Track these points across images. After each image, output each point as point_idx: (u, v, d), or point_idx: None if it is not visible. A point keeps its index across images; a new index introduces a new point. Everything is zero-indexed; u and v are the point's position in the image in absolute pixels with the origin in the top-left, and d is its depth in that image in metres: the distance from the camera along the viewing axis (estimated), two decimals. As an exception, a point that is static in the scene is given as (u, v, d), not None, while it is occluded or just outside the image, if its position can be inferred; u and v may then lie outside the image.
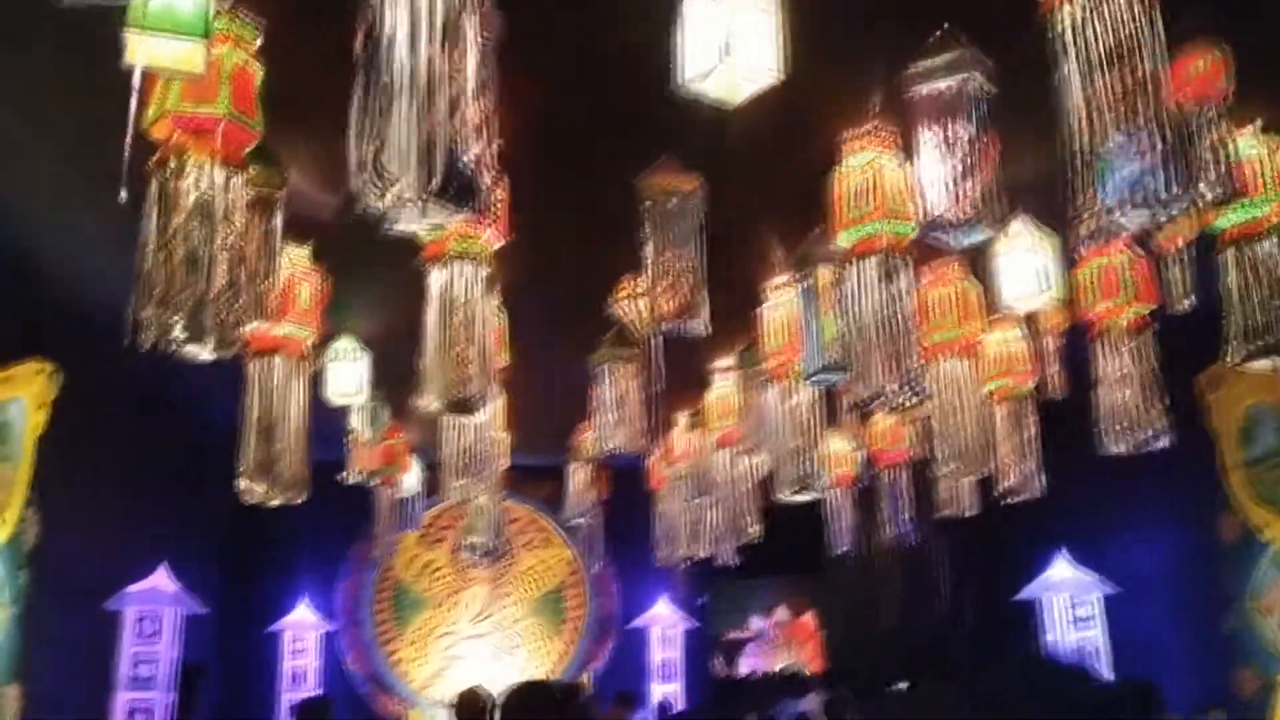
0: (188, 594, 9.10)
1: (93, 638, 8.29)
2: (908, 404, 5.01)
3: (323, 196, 5.53)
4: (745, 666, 15.81)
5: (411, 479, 10.77)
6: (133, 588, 8.69)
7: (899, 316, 5.01)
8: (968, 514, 7.64)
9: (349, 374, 7.61)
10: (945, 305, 6.29)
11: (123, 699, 8.49)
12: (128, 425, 9.09)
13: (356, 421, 8.70)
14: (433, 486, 11.29)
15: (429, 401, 4.80)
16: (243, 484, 5.19)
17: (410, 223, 3.02)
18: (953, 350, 6.25)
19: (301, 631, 12.31)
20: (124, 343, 3.86)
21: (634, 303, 6.48)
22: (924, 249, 5.12)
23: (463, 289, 5.04)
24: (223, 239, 3.96)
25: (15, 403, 6.90)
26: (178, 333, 3.82)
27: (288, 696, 11.39)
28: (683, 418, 9.48)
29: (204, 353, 3.97)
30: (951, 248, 4.77)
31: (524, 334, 6.75)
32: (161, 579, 8.84)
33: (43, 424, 7.25)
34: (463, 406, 4.85)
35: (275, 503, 5.34)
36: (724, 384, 8.60)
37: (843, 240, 5.17)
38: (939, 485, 7.62)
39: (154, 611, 8.78)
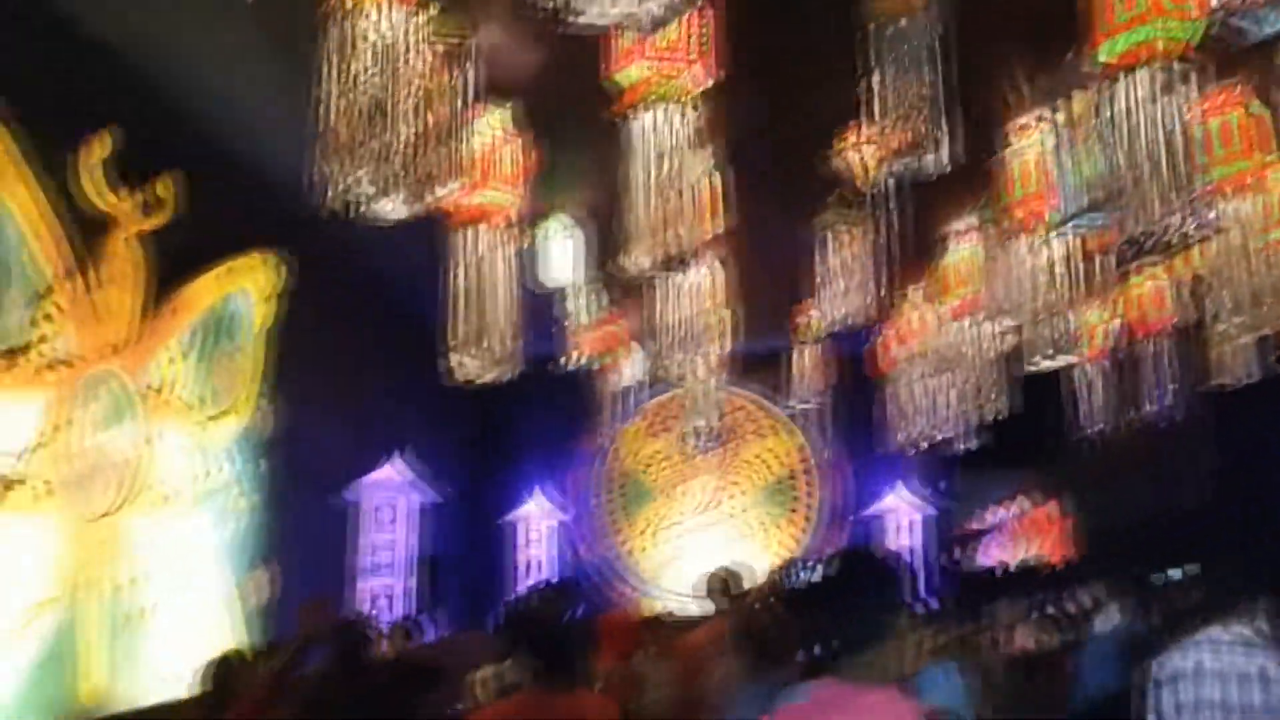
0: (423, 483, 9.23)
1: (330, 527, 8.52)
2: (1193, 238, 4.24)
3: (526, 54, 5.17)
4: (984, 559, 15.06)
5: (634, 367, 10.53)
6: (368, 478, 8.87)
7: (1179, 135, 4.22)
8: (1245, 381, 6.68)
9: (561, 253, 7.35)
10: (1227, 135, 5.38)
11: (364, 586, 8.73)
12: (358, 317, 9.21)
13: (573, 305, 8.50)
14: (656, 375, 11.15)
15: (636, 259, 4.40)
16: (452, 359, 4.99)
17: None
18: (1235, 187, 5.36)
19: (535, 521, 12.50)
20: (341, 228, 3.60)
21: (859, 151, 5.86)
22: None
23: (669, 135, 4.58)
24: (407, 86, 3.64)
25: (241, 294, 6.98)
26: (364, 188, 3.54)
27: (523, 584, 11.57)
28: (915, 290, 8.81)
29: (392, 209, 3.70)
30: (1246, 41, 3.95)
31: (739, 203, 6.23)
32: (396, 469, 8.98)
33: (270, 316, 7.34)
34: (674, 263, 4.44)
35: (485, 379, 5.13)
36: (962, 246, 7.84)
37: (1105, 53, 4.38)
38: (1210, 350, 6.68)
39: (390, 500, 8.94)
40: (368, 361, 9.29)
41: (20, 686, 4.75)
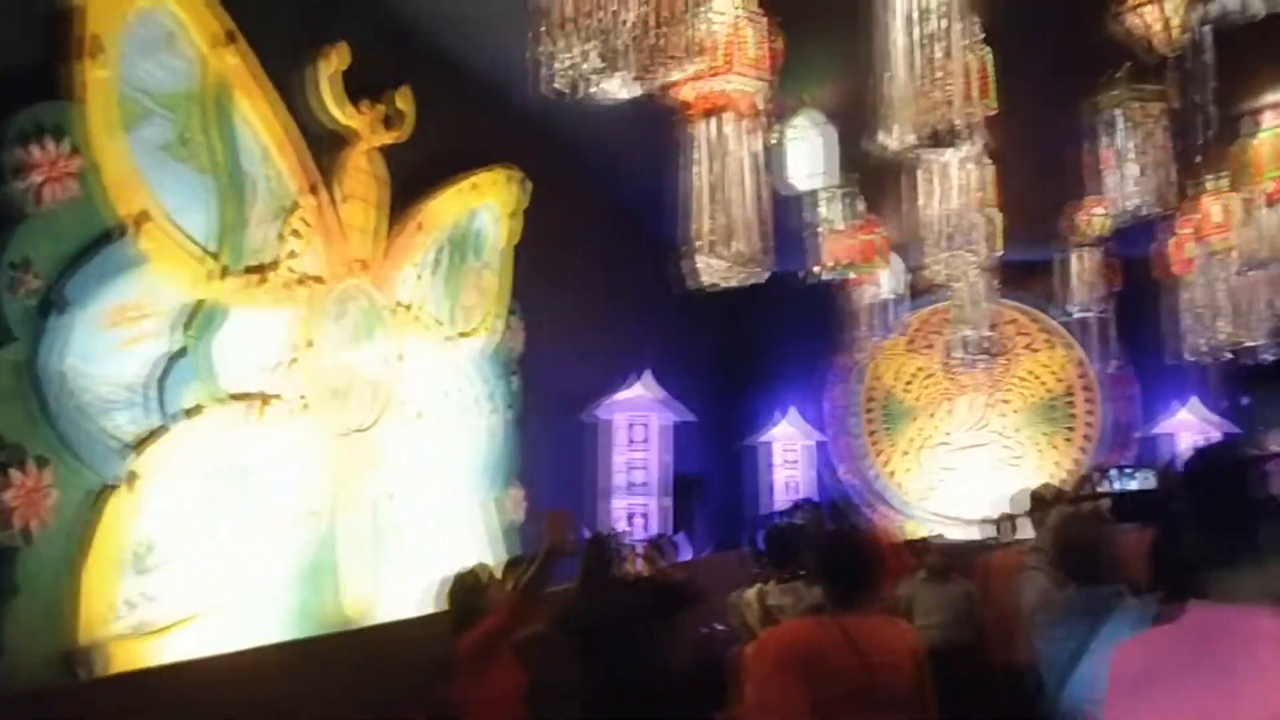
0: (674, 402, 9.02)
1: (580, 446, 8.44)
2: None
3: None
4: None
5: (891, 279, 9.92)
6: (617, 396, 8.73)
7: None
8: None
9: (810, 152, 6.82)
10: None
11: (617, 504, 8.64)
12: (602, 232, 9.04)
13: (824, 210, 7.97)
14: (917, 288, 10.46)
15: (896, 135, 3.86)
16: (695, 260, 4.62)
17: None
18: None
19: (790, 442, 12.13)
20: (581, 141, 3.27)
21: (1155, 8, 5.01)
22: None
23: (932, 4, 3.99)
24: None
25: (486, 209, 6.87)
26: (590, 63, 3.19)
27: (778, 505, 11.25)
28: (1215, 179, 7.76)
29: (621, 88, 3.34)
30: None
31: (1006, 90, 5.50)
32: (646, 387, 8.80)
33: (515, 231, 7.23)
34: (940, 138, 3.88)
35: (730, 283, 4.74)
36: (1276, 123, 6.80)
37: None
38: None
39: (639, 419, 8.78)
40: (613, 278, 9.11)
41: (285, 598, 4.82)
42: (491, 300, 6.95)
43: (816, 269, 7.95)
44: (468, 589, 3.81)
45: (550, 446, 7.81)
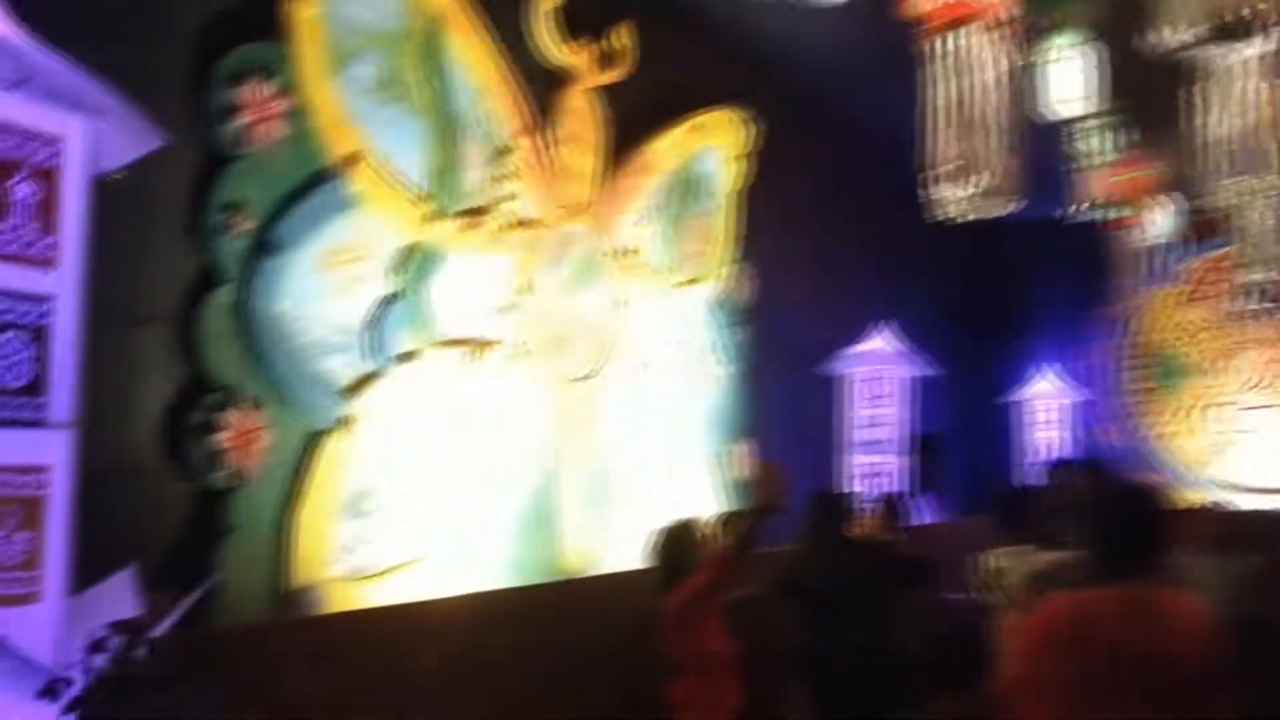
0: (916, 356, 8.47)
1: (814, 400, 8.05)
2: None
3: None
4: None
5: (1164, 221, 8.96)
6: (856, 348, 8.27)
7: None
8: None
9: (1071, 76, 6.13)
10: None
11: (855, 462, 8.21)
12: (835, 174, 8.57)
13: (1086, 142, 7.21)
14: (1195, 231, 9.42)
15: (1174, 31, 3.28)
16: (934, 192, 4.16)
17: None
18: None
19: (1049, 400, 11.28)
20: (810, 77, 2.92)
21: None
22: None
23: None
24: None
25: (709, 153, 6.58)
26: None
27: (1033, 467, 10.48)
28: None
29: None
30: None
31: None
32: (886, 340, 8.30)
33: (741, 175, 6.91)
34: (1227, 32, 3.27)
35: (975, 215, 4.25)
36: None
37: None
38: None
39: (880, 373, 8.29)
40: (851, 223, 8.64)
41: (503, 546, 4.74)
42: (718, 247, 6.67)
43: (1077, 207, 7.20)
44: (676, 543, 3.58)
45: (782, 400, 7.48)
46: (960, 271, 10.95)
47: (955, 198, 4.13)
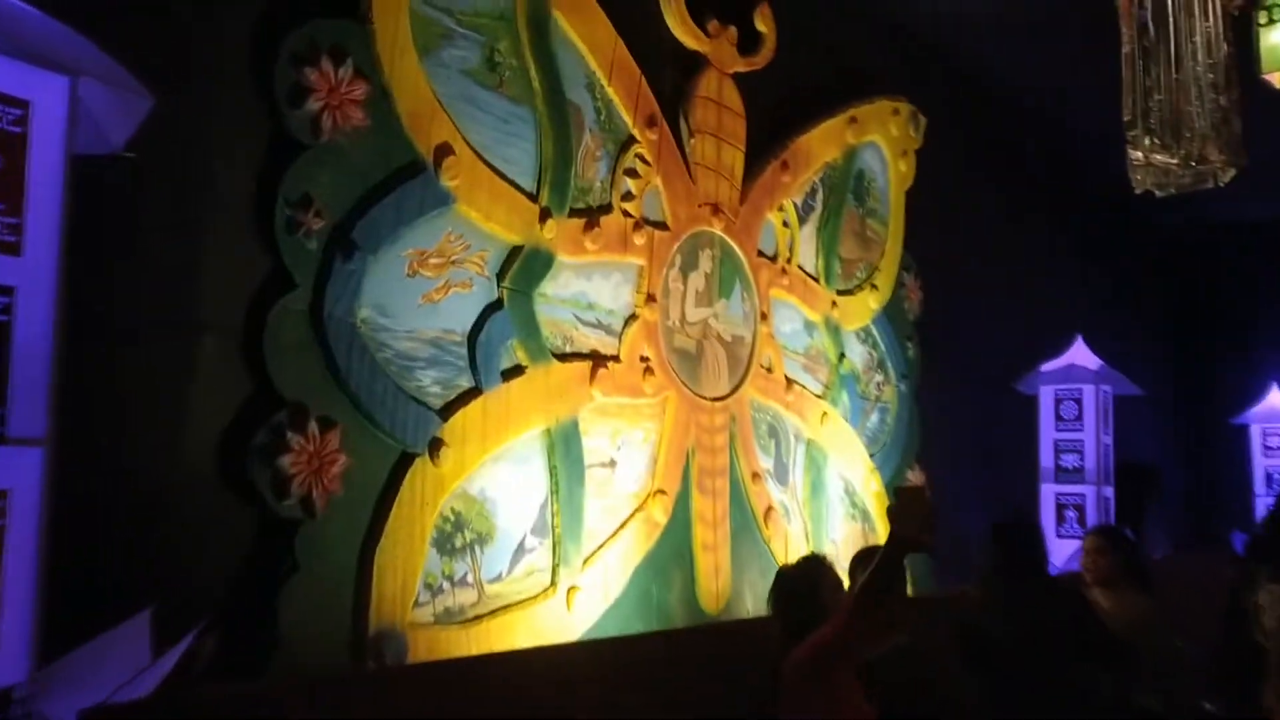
0: (1115, 373, 7.52)
1: (1001, 422, 7.21)
2: None
3: None
4: None
5: None
6: (1047, 365, 7.40)
7: None
8: None
9: (1296, 36, 5.20)
10: None
11: (1047, 491, 7.31)
12: (1022, 172, 7.76)
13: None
14: None
15: None
16: (1132, 156, 3.41)
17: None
18: None
19: (1274, 423, 9.97)
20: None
21: None
22: None
23: None
24: None
25: (870, 149, 5.93)
26: None
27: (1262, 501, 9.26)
28: None
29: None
30: None
31: None
32: (1080, 354, 7.39)
33: (909, 174, 6.23)
34: None
35: (1176, 188, 3.48)
36: None
37: None
38: None
39: (1074, 393, 7.39)
40: (1035, 225, 7.79)
41: (626, 587, 4.20)
42: (879, 254, 6.00)
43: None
44: (800, 587, 2.96)
45: (962, 423, 6.71)
46: (1169, 277, 9.84)
47: (1152, 166, 3.38)
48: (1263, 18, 5.16)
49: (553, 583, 3.87)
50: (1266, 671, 4.23)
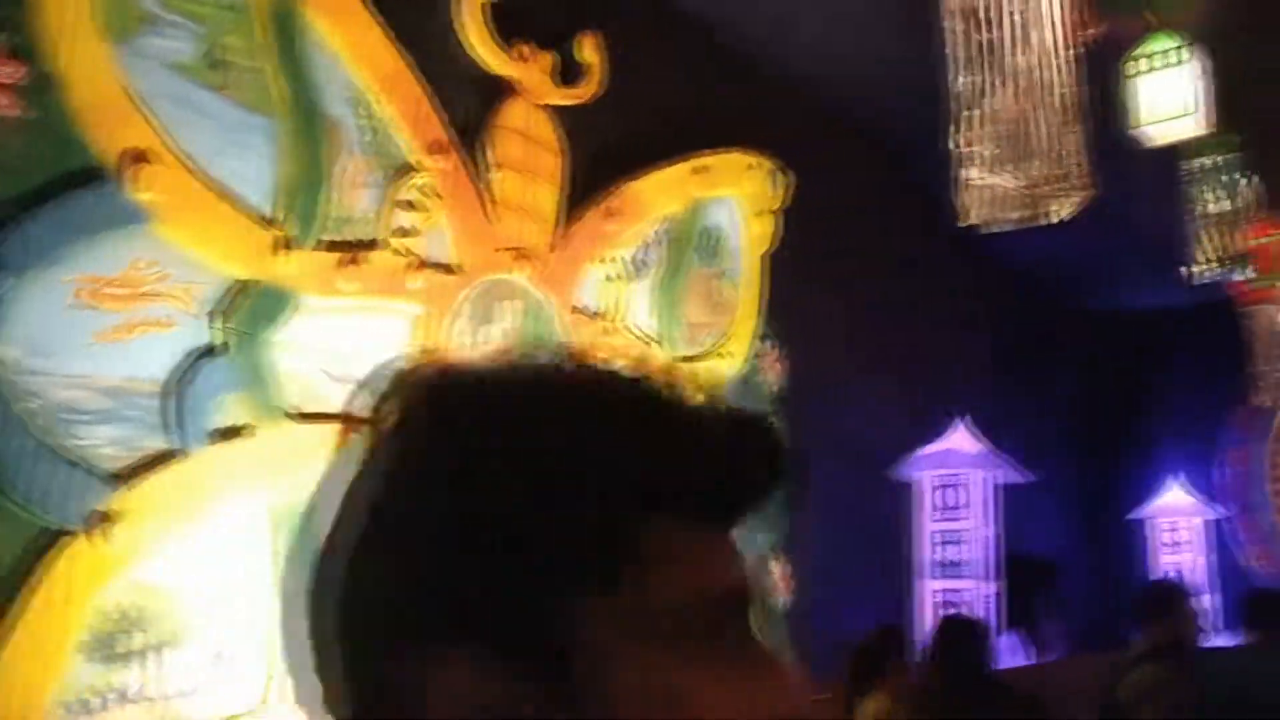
0: (1005, 458, 6.96)
1: (874, 510, 6.59)
2: None
3: None
4: None
5: (1308, 299, 7.45)
6: (925, 449, 6.82)
7: None
8: None
9: (1170, 88, 4.79)
10: None
11: (926, 586, 6.68)
12: (904, 239, 7.25)
13: (1201, 189, 5.79)
14: None
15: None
16: (961, 183, 2.86)
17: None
18: None
19: (1176, 518, 9.52)
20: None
21: None
22: None
23: None
24: None
25: (721, 203, 5.38)
26: None
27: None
28: None
29: None
30: None
31: None
32: (962, 438, 6.83)
33: (770, 235, 5.68)
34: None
35: (1016, 220, 2.93)
36: None
37: None
38: None
39: (953, 479, 6.81)
40: (918, 297, 7.28)
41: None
42: (733, 319, 5.41)
43: (1196, 268, 5.75)
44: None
45: (830, 510, 6.07)
46: (1064, 360, 9.41)
47: (986, 194, 2.82)
48: (1131, 68, 4.76)
49: (265, 699, 3.10)
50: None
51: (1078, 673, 6.55)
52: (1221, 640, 7.35)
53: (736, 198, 5.47)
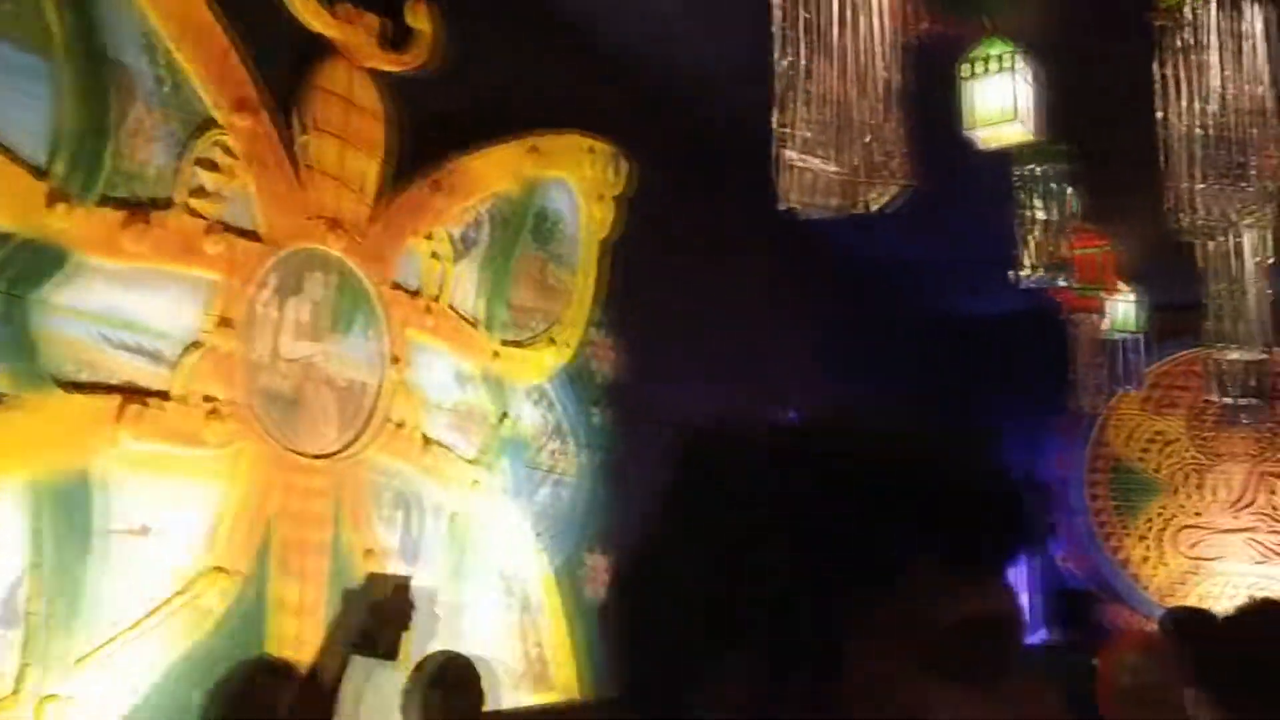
0: (833, 457, 7.01)
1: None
2: None
3: None
4: None
5: (1125, 311, 7.75)
6: (758, 443, 6.81)
7: None
8: None
9: (1000, 93, 4.87)
10: None
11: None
12: (749, 235, 7.22)
13: (1029, 196, 5.94)
14: (1162, 331, 8.22)
15: None
16: (785, 162, 2.77)
17: None
18: None
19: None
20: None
21: None
22: None
23: None
24: None
25: (557, 186, 5.24)
26: None
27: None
28: None
29: None
30: None
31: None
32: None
33: (608, 222, 5.56)
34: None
35: (820, 211, 2.87)
36: None
37: None
38: None
39: (787, 475, 6.82)
40: (761, 291, 7.29)
41: (161, 692, 3.19)
42: (564, 305, 5.28)
43: (1022, 272, 5.88)
44: (240, 693, 2.10)
45: (654, 502, 6.00)
46: (899, 360, 9.60)
47: (807, 178, 2.75)
48: (965, 70, 4.82)
49: (16, 689, 2.82)
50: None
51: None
52: (1035, 639, 7.60)
53: (574, 181, 5.34)
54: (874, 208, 2.82)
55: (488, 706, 2.37)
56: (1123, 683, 2.57)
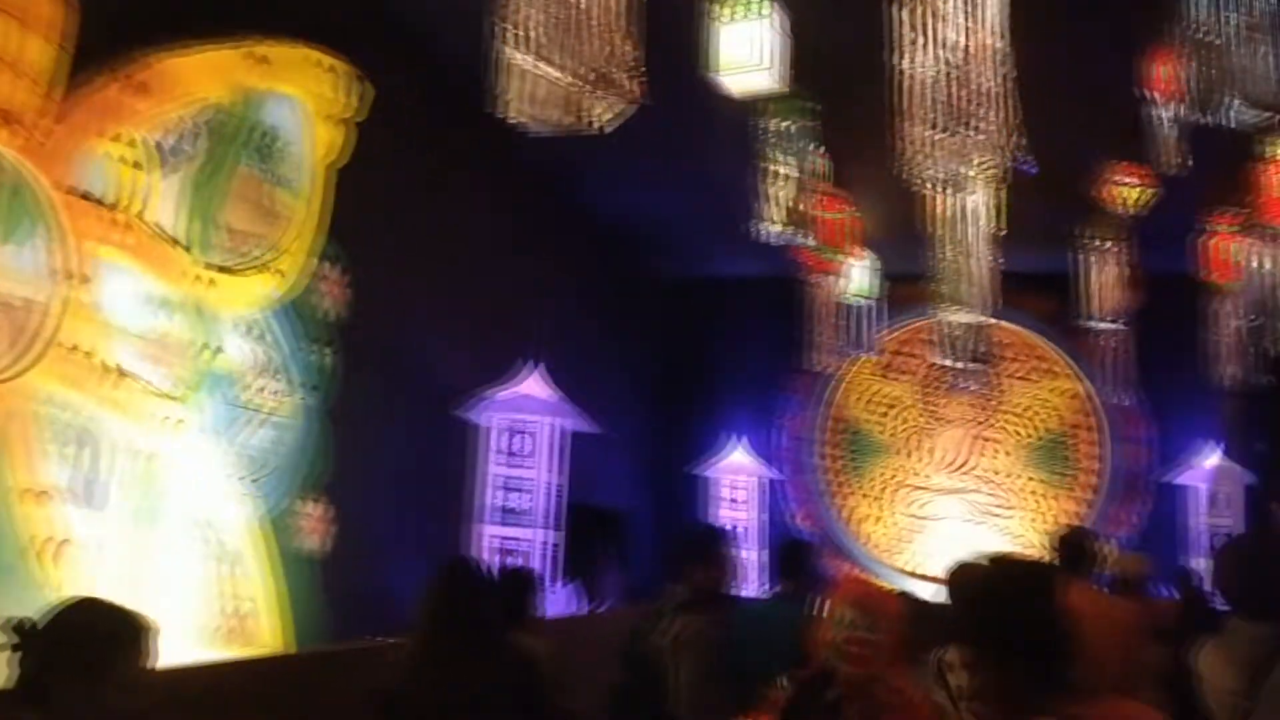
0: (576, 408, 6.90)
1: (435, 452, 6.30)
2: None
3: None
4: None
5: (862, 277, 7.97)
6: (496, 393, 6.60)
7: None
8: None
9: (749, 39, 4.80)
10: None
11: (483, 532, 6.48)
12: (485, 170, 6.94)
13: (772, 152, 5.95)
14: (897, 299, 8.52)
15: None
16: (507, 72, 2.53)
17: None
18: None
19: (737, 476, 10.05)
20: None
21: None
22: None
23: None
24: None
25: (283, 101, 4.80)
26: None
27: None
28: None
29: None
30: None
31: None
32: (535, 384, 6.69)
33: (337, 145, 5.16)
34: None
35: (541, 129, 2.66)
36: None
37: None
38: None
39: (527, 425, 6.66)
40: (503, 236, 7.04)
41: None
42: (286, 232, 4.86)
43: (764, 224, 5.88)
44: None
45: (385, 448, 5.69)
46: (644, 317, 9.61)
47: (529, 89, 2.53)
48: (714, 13, 4.71)
49: None
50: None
51: (620, 624, 6.63)
52: (765, 591, 7.77)
53: (301, 98, 4.91)
54: (598, 125, 2.63)
55: (150, 661, 2.05)
56: (829, 636, 2.54)
